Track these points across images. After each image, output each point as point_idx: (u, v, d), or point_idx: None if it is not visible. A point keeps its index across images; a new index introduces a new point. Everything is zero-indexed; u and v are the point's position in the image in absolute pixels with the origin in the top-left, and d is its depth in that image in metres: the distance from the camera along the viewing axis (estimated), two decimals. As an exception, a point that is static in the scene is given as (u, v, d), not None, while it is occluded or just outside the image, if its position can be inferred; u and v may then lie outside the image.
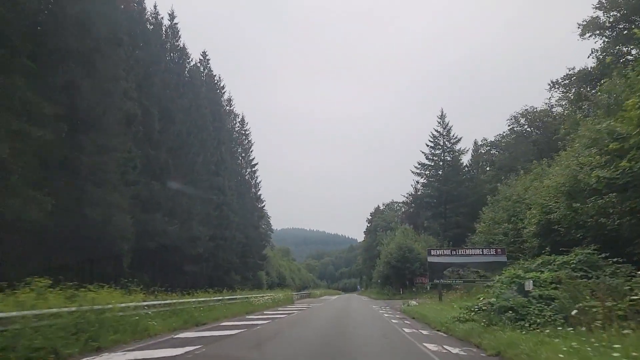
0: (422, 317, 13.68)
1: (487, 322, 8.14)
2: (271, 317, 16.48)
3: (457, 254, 21.69)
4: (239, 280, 47.30)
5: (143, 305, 11.35)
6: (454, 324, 9.62)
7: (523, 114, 47.58)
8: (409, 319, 14.96)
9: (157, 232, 27.06)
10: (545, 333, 6.71)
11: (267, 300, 23.62)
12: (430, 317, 12.54)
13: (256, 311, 19.91)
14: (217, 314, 14.99)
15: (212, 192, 36.69)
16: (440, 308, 15.57)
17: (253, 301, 21.57)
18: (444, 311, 13.23)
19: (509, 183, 28.05)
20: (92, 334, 8.30)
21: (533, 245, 18.05)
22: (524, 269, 9.61)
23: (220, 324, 13.27)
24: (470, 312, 9.88)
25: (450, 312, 12.23)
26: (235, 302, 19.62)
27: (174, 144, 30.19)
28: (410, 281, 41.85)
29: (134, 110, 25.68)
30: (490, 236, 26.43)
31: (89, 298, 9.17)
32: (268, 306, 23.11)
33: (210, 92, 42.80)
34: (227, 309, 16.86)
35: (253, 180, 59.81)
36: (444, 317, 11.51)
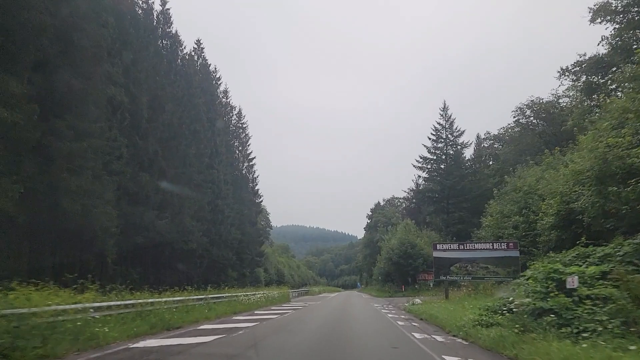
0: (432, 319, 12.16)
1: (520, 327, 6.59)
2: (261, 318, 14.95)
3: (465, 248, 20.18)
4: (235, 277, 45.90)
5: (93, 307, 9.41)
6: (475, 328, 8.05)
7: (529, 105, 46.02)
8: (417, 320, 13.50)
9: (145, 226, 25.55)
10: (606, 345, 5.19)
11: (259, 299, 22.00)
12: (441, 319, 11.00)
13: (245, 311, 18.35)
14: (197, 315, 13.29)
15: (205, 185, 35.16)
16: (449, 307, 14.07)
17: (243, 300, 19.90)
18: (456, 312, 11.73)
19: (519, 174, 26.51)
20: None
21: (549, 239, 16.55)
22: (562, 263, 7.98)
23: (198, 328, 11.64)
24: (492, 313, 8.35)
25: (463, 313, 10.72)
26: (222, 302, 18.05)
27: (164, 134, 28.60)
28: (412, 278, 40.34)
29: (120, 96, 24.16)
30: (499, 230, 24.95)
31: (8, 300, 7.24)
32: (260, 305, 21.54)
33: (204, 82, 41.15)
34: (211, 310, 15.27)
35: (250, 175, 58.32)
36: (458, 318, 9.98)
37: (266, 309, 20.33)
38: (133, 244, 25.23)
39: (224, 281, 41.88)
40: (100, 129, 20.10)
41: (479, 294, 21.17)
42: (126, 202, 25.00)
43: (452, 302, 17.14)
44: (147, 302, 11.85)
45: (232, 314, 16.71)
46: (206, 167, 35.71)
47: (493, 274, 19.18)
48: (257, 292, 23.55)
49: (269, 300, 23.45)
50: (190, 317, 12.64)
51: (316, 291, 64.39)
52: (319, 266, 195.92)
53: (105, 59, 21.77)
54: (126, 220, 24.51)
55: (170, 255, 31.55)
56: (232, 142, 53.69)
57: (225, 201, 39.94)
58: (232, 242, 41.17)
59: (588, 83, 34.49)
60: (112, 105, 23.84)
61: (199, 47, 41.56)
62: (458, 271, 20.06)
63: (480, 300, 16.03)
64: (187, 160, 31.32)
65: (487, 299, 17.67)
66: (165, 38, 34.54)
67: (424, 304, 19.14)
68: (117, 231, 22.10)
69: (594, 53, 32.46)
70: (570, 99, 43.23)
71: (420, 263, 39.12)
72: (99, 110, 20.41)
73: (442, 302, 17.74)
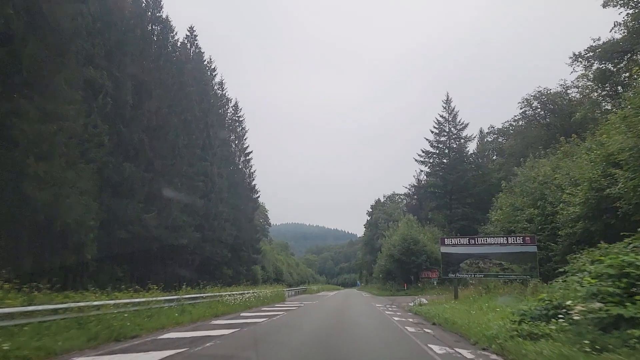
0: (449, 324, 10.30)
1: (590, 344, 4.82)
2: (244, 322, 13.09)
3: (476, 243, 18.37)
4: (231, 275, 44.27)
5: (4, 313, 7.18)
6: (514, 340, 6.11)
7: (536, 97, 44.25)
8: (429, 326, 11.55)
9: (129, 219, 23.78)
10: None
11: (248, 299, 19.99)
12: (460, 325, 9.09)
13: (230, 313, 16.34)
14: (164, 320, 11.12)
15: (197, 178, 33.36)
16: (463, 309, 12.28)
17: (228, 300, 17.88)
18: (476, 315, 9.92)
19: (531, 164, 24.71)
20: None
21: (574, 231, 14.77)
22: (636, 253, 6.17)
23: (159, 338, 9.46)
24: (535, 320, 6.57)
25: (486, 317, 8.93)
26: (201, 303, 16.03)
27: (151, 123, 26.79)
28: (415, 276, 38.57)
29: (102, 79, 22.37)
30: (509, 224, 23.19)
31: None
32: (250, 305, 19.57)
33: (197, 71, 39.34)
34: (185, 313, 13.18)
35: (247, 170, 56.51)
36: (483, 325, 8.17)
37: (255, 311, 18.24)
38: (117, 239, 23.48)
39: (219, 279, 40.23)
40: (76, 112, 18.25)
41: (490, 293, 19.41)
42: (109, 193, 23.23)
43: (464, 302, 15.37)
44: (89, 305, 9.17)
45: (211, 317, 14.63)
46: (198, 159, 33.91)
47: (508, 272, 17.41)
48: (246, 291, 21.50)
49: (261, 300, 21.39)
50: (154, 323, 10.52)
51: (314, 290, 62.56)
52: (319, 264, 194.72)
53: (82, 36, 19.97)
54: (109, 213, 22.76)
55: (159, 251, 29.75)
56: (228, 135, 51.92)
57: (219, 195, 38.17)
58: (227, 238, 39.40)
59: (601, 71, 32.77)
60: (93, 88, 22.06)
61: (192, 34, 39.75)
62: (468, 268, 18.28)
63: (493, 301, 14.26)
64: (176, 151, 29.51)
65: (499, 298, 15.89)
66: (155, 23, 32.65)
67: (431, 304, 17.36)
68: (96, 224, 20.33)
69: (609, 38, 30.71)
70: (579, 90, 41.59)
71: (424, 260, 37.33)
72: (74, 92, 18.57)
73: (452, 303, 15.99)
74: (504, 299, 14.74)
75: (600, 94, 35.08)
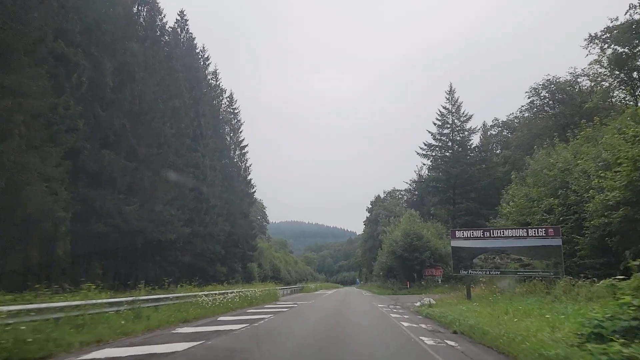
0: (476, 334, 8.08)
1: None
2: (218, 329, 10.67)
3: (491, 236, 16.30)
4: (225, 273, 42.35)
5: None
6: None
7: (544, 85, 42.18)
8: (448, 334, 9.37)
9: (108, 211, 21.73)
10: None
11: (232, 299, 17.53)
12: (495, 335, 6.77)
13: (204, 317, 13.84)
14: (103, 331, 8.33)
15: (187, 170, 31.31)
16: (485, 312, 10.26)
17: (204, 302, 15.13)
18: (510, 322, 7.87)
19: (549, 151, 22.65)
20: None
21: (610, 220, 12.73)
22: None
23: (80, 358, 6.69)
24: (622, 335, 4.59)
25: (519, 324, 6.90)
26: (166, 306, 13.23)
27: (134, 107, 24.71)
28: (418, 273, 36.56)
29: (76, 57, 20.32)
30: (523, 217, 21.19)
31: None
32: (233, 307, 17.12)
33: (188, 57, 37.23)
34: (140, 320, 10.58)
35: (243, 164, 54.51)
36: (529, 336, 6.12)
37: (237, 314, 15.64)
38: (94, 232, 21.41)
39: (212, 276, 38.33)
40: (40, 89, 16.19)
41: (506, 292, 17.39)
42: (84, 183, 21.23)
43: (480, 303, 13.34)
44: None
45: (177, 323, 11.96)
46: (187, 150, 31.84)
47: (528, 268, 15.39)
48: (229, 291, 19.06)
49: (247, 301, 18.95)
50: (85, 335, 7.72)
51: (312, 288, 60.40)
52: (318, 262, 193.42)
53: (51, 6, 17.91)
54: (84, 204, 20.73)
55: (145, 247, 27.78)
56: (223, 127, 49.88)
57: (211, 189, 36.13)
58: (219, 234, 37.39)
59: (617, 55, 30.77)
60: (66, 66, 20.01)
61: (182, 19, 37.62)
62: (483, 264, 16.26)
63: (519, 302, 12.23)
64: (163, 139, 27.42)
65: (523, 299, 13.89)
66: (141, 4, 30.56)
67: (440, 304, 15.32)
68: (67, 216, 18.31)
69: (627, 19, 28.66)
70: (590, 77, 39.59)
71: (427, 257, 35.30)
72: (39, 68, 16.54)
73: (466, 304, 13.98)
74: (529, 299, 12.73)
75: (615, 80, 33.11)
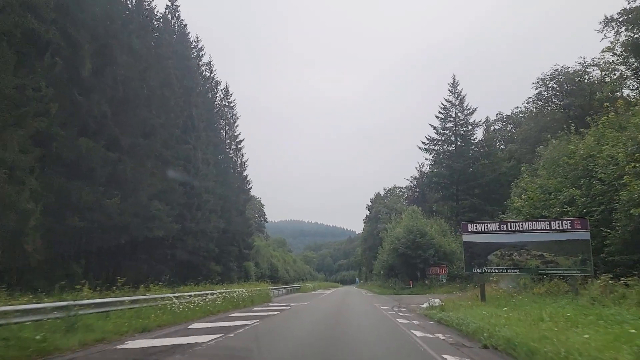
0: (517, 350, 6.19)
1: None
2: (179, 343, 8.64)
3: (508, 229, 14.49)
4: (219, 272, 40.67)
5: None
6: None
7: (552, 76, 40.42)
8: (477, 349, 7.42)
9: (86, 204, 19.89)
10: None
11: (212, 302, 15.32)
12: (549, 356, 5.04)
13: (173, 324, 11.65)
14: (8, 352, 6.16)
15: (177, 163, 29.47)
16: (514, 317, 8.49)
17: (174, 306, 12.66)
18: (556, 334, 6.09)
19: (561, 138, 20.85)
20: None
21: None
22: None
23: None
24: None
25: (576, 337, 5.12)
26: (118, 312, 10.76)
27: (117, 94, 22.86)
28: (422, 272, 34.74)
29: (48, 35, 18.48)
30: (539, 210, 19.41)
31: None
32: (213, 311, 14.78)
33: (180, 45, 35.42)
34: (74, 332, 8.26)
35: (239, 159, 52.73)
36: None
37: (215, 319, 13.40)
38: (70, 227, 19.61)
39: (205, 276, 36.59)
40: (4, 65, 14.41)
41: (524, 292, 15.65)
42: (58, 172, 19.39)
43: (498, 305, 11.57)
44: None
45: (132, 334, 9.71)
46: (177, 142, 30.02)
47: (551, 265, 13.61)
48: (209, 292, 16.86)
49: (233, 303, 16.79)
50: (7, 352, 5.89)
51: (310, 287, 58.43)
52: (317, 261, 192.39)
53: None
54: (58, 196, 18.93)
55: (131, 244, 26.01)
56: (217, 121, 48.09)
57: (203, 183, 34.34)
58: (212, 231, 35.61)
59: (633, 40, 28.99)
60: (36, 44, 18.20)
61: (173, 4, 35.76)
62: (499, 261, 14.47)
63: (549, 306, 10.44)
64: (149, 129, 25.60)
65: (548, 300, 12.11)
66: (127, -15, 28.72)
67: (451, 306, 13.49)
68: (36, 208, 16.50)
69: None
70: (601, 67, 37.87)
71: (431, 254, 33.49)
72: (1, 41, 14.76)
73: (483, 306, 12.22)
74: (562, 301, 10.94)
75: (629, 68, 31.35)
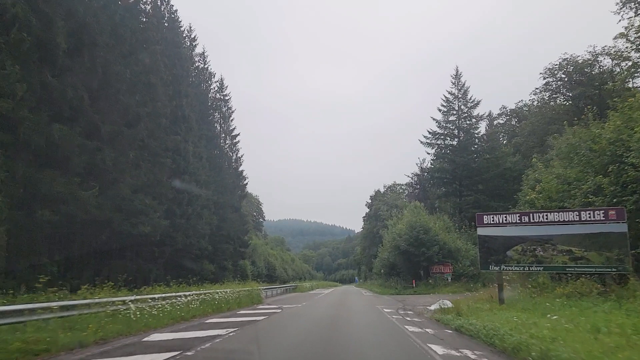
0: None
1: None
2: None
3: (531, 221, 12.66)
4: (213, 271, 38.92)
5: None
6: None
7: (561, 66, 38.64)
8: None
9: (59, 196, 18.09)
10: None
11: (184, 306, 12.97)
12: None
13: (130, 334, 9.59)
14: None
15: (164, 154, 27.65)
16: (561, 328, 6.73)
17: (129, 312, 10.22)
18: None
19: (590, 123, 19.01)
20: None
21: None
22: None
23: None
24: None
25: None
26: (34, 322, 8.08)
27: (96, 77, 21.03)
28: (425, 270, 32.93)
29: (15, 8, 16.70)
30: (556, 203, 17.64)
31: None
32: (185, 317, 12.47)
33: (170, 31, 33.59)
34: None
35: (234, 154, 50.96)
36: None
37: (183, 328, 11.06)
38: (40, 222, 17.79)
39: (198, 275, 34.84)
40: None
41: (544, 292, 13.87)
42: (26, 161, 17.58)
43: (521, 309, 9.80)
44: None
45: (56, 354, 7.50)
46: (165, 132, 28.18)
47: (582, 262, 11.82)
48: (184, 293, 14.46)
49: (213, 306, 14.40)
50: None
51: (307, 287, 56.42)
52: (316, 260, 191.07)
53: None
54: (26, 186, 17.16)
55: (114, 241, 24.23)
56: (212, 114, 46.30)
57: (194, 177, 32.55)
58: (204, 227, 33.82)
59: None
60: (0, 18, 16.43)
61: (163, -12, 33.88)
62: (520, 257, 12.67)
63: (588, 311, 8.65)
64: (133, 117, 23.78)
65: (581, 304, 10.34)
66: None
67: (468, 310, 11.68)
68: None
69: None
70: (613, 56, 36.12)
71: (436, 252, 31.67)
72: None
73: (503, 310, 10.44)
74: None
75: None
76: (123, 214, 22.49)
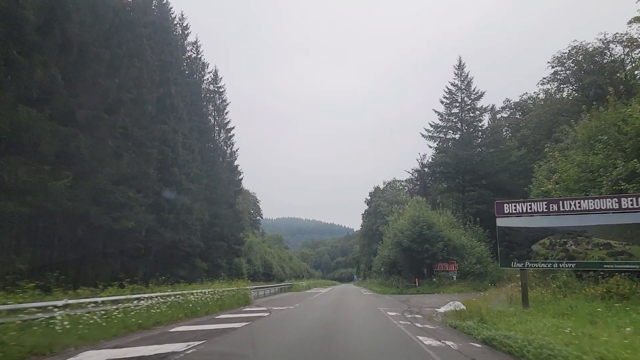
0: None
1: None
2: None
3: (560, 210, 10.85)
4: (206, 269, 37.21)
5: None
6: None
7: (570, 54, 36.86)
8: None
9: (26, 186, 16.25)
10: None
11: (148, 309, 11.05)
12: None
13: (59, 352, 7.28)
14: None
15: (150, 145, 25.81)
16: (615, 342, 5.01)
17: (61, 321, 7.65)
18: None
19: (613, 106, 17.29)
20: None
21: None
22: None
23: None
24: None
25: None
26: None
27: (70, 57, 19.18)
28: (429, 268, 31.13)
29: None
30: (577, 193, 15.89)
31: None
32: (144, 325, 10.33)
33: (158, 16, 31.72)
34: None
35: (229, 148, 49.09)
36: None
37: (134, 340, 8.97)
38: (5, 214, 15.96)
39: (191, 273, 33.11)
40: None
41: (574, 291, 12.11)
42: (-14, 147, 15.78)
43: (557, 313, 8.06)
44: None
45: None
46: (151, 121, 26.33)
47: (622, 258, 10.06)
48: (146, 295, 12.06)
49: (185, 310, 12.28)
50: None
51: (303, 286, 54.48)
52: (315, 259, 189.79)
53: None
54: (-13, 176, 15.32)
55: (96, 237, 22.45)
56: (205, 106, 44.46)
57: (184, 169, 30.72)
58: (195, 223, 32.01)
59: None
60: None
61: (151, -30, 31.98)
62: (548, 252, 10.91)
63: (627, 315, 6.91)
64: (114, 102, 21.93)
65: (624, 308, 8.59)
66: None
67: (491, 316, 9.89)
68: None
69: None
70: (625, 43, 34.44)
71: (440, 248, 29.87)
72: None
73: (534, 315, 8.71)
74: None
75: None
76: (102, 207, 20.66)
